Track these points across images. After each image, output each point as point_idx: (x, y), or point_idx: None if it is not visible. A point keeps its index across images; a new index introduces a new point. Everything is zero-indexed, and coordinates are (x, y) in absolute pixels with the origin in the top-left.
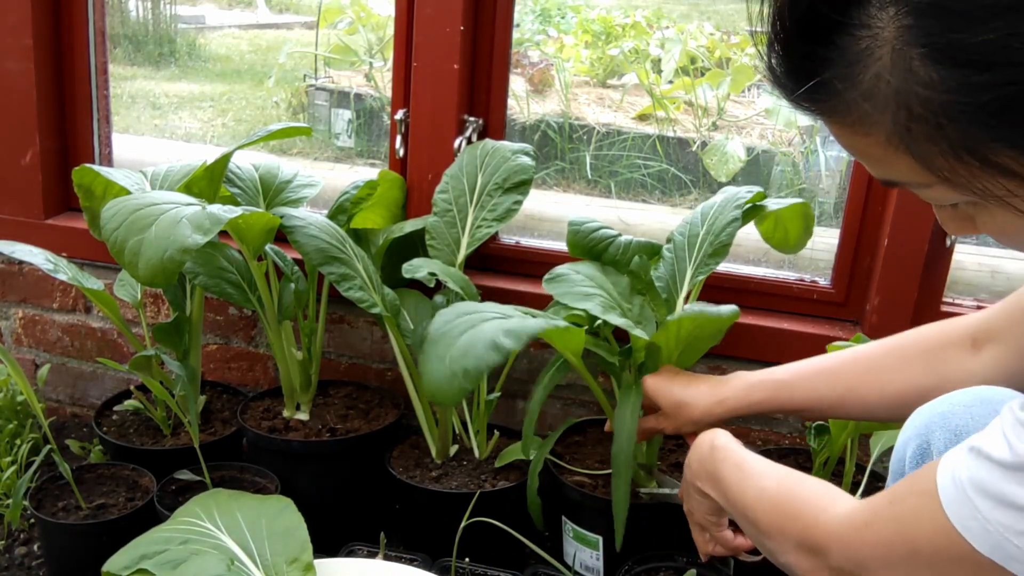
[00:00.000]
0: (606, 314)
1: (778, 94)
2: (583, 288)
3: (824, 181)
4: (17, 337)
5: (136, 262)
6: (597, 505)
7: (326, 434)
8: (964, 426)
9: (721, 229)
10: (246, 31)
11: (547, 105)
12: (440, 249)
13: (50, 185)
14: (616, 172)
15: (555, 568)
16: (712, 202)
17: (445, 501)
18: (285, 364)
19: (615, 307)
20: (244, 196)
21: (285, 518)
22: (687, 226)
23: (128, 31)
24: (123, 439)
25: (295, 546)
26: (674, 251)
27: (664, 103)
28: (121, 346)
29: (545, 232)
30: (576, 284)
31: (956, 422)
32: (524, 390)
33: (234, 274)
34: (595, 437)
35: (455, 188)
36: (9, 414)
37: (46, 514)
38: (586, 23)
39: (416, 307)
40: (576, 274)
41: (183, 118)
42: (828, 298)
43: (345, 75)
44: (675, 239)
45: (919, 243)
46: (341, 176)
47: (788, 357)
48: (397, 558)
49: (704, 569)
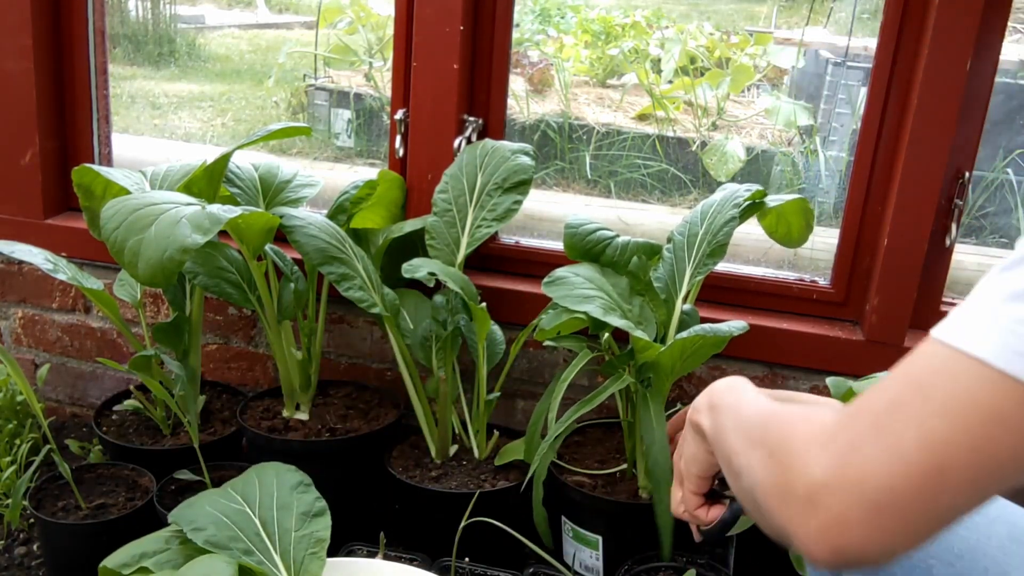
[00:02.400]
0: (607, 316)
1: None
2: (583, 290)
3: (824, 181)
4: (17, 337)
5: (136, 262)
6: (597, 505)
7: (326, 434)
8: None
9: (719, 228)
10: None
11: (547, 105)
12: (440, 249)
13: (50, 185)
14: (616, 172)
15: (555, 568)
16: (712, 200)
17: (445, 501)
18: (285, 364)
19: (615, 308)
20: (244, 196)
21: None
22: (687, 225)
23: (128, 31)
24: (123, 439)
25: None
26: (673, 251)
27: (664, 103)
28: (121, 346)
29: (545, 232)
30: (576, 287)
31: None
32: (524, 390)
33: (234, 274)
34: (595, 437)
35: (455, 188)
36: (9, 414)
37: (46, 514)
38: (586, 23)
39: (416, 307)
40: (575, 276)
41: (183, 118)
42: (828, 298)
43: (345, 75)
44: (675, 239)
45: (919, 243)
46: (341, 176)
47: (787, 357)
48: (397, 558)
49: (704, 569)
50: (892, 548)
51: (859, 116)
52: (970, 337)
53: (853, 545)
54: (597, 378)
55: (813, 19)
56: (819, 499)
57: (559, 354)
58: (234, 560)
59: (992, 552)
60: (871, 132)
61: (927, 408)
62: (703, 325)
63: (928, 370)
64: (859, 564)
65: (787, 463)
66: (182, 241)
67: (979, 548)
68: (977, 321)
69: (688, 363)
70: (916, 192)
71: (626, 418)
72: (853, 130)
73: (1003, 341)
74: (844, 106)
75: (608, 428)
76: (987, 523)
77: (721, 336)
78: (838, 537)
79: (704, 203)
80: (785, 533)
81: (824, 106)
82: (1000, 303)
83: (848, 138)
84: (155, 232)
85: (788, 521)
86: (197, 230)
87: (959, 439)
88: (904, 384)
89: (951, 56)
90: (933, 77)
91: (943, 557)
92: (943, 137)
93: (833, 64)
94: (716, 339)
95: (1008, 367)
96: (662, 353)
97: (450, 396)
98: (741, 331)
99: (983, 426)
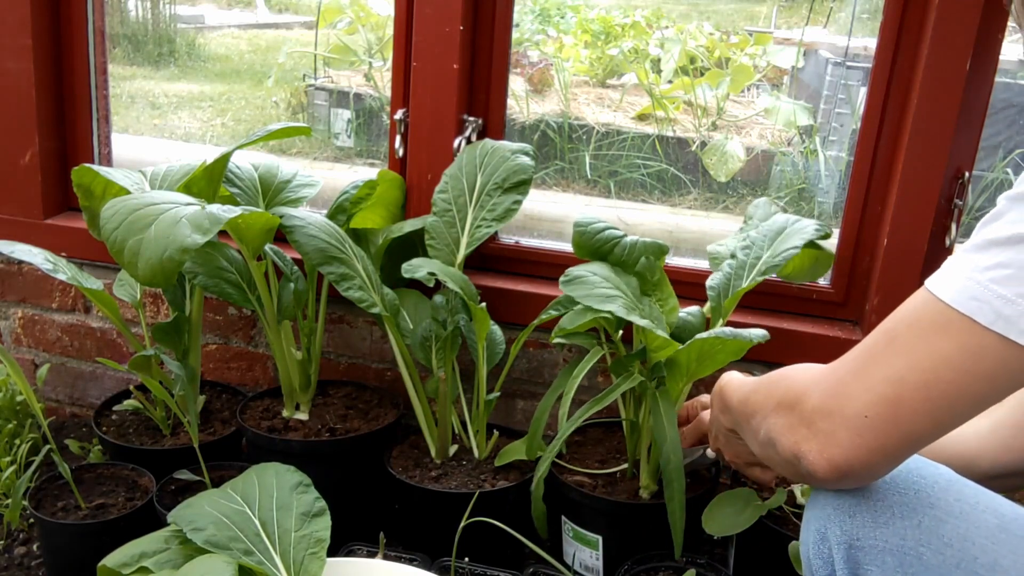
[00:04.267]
0: (630, 315)
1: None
2: (603, 290)
3: (824, 181)
4: (16, 337)
5: (135, 262)
6: (597, 505)
7: (325, 434)
8: None
9: (780, 253)
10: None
11: (546, 105)
12: (439, 249)
13: (49, 185)
14: (616, 172)
15: (555, 568)
16: (774, 222)
17: (445, 501)
18: (284, 364)
19: (635, 308)
20: (243, 196)
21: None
22: (751, 248)
23: (127, 31)
24: (122, 439)
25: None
26: (734, 267)
27: (663, 103)
28: (120, 346)
29: (545, 232)
30: (596, 286)
31: None
32: (524, 390)
33: (233, 274)
34: (595, 437)
35: (454, 188)
36: (8, 414)
37: (45, 514)
38: (585, 23)
39: (415, 307)
40: (593, 276)
41: (182, 118)
42: (827, 298)
43: (344, 75)
44: (738, 256)
45: (919, 243)
46: (340, 176)
47: (787, 357)
48: (397, 558)
49: (704, 569)
50: (872, 463)
51: (859, 116)
52: (940, 282)
53: (846, 460)
54: (597, 377)
55: (813, 19)
56: (818, 424)
57: (559, 354)
58: (234, 560)
59: (981, 541)
60: (871, 132)
61: (894, 347)
62: (724, 328)
63: (907, 308)
64: (852, 477)
65: (792, 402)
66: (182, 241)
67: (969, 537)
68: (948, 268)
69: (705, 366)
70: (916, 192)
71: (627, 418)
72: (853, 130)
73: (963, 286)
74: (844, 106)
75: (608, 428)
76: (977, 513)
77: (742, 341)
78: (832, 453)
79: (765, 226)
80: (795, 459)
81: (824, 106)
82: (968, 253)
83: (848, 138)
84: (155, 232)
85: (796, 447)
86: (197, 230)
87: (915, 375)
88: (884, 327)
89: (951, 56)
90: (933, 77)
91: (933, 545)
92: (943, 137)
93: (833, 64)
94: (736, 344)
95: (963, 308)
96: (679, 351)
97: (450, 396)
98: (762, 339)
99: (933, 364)
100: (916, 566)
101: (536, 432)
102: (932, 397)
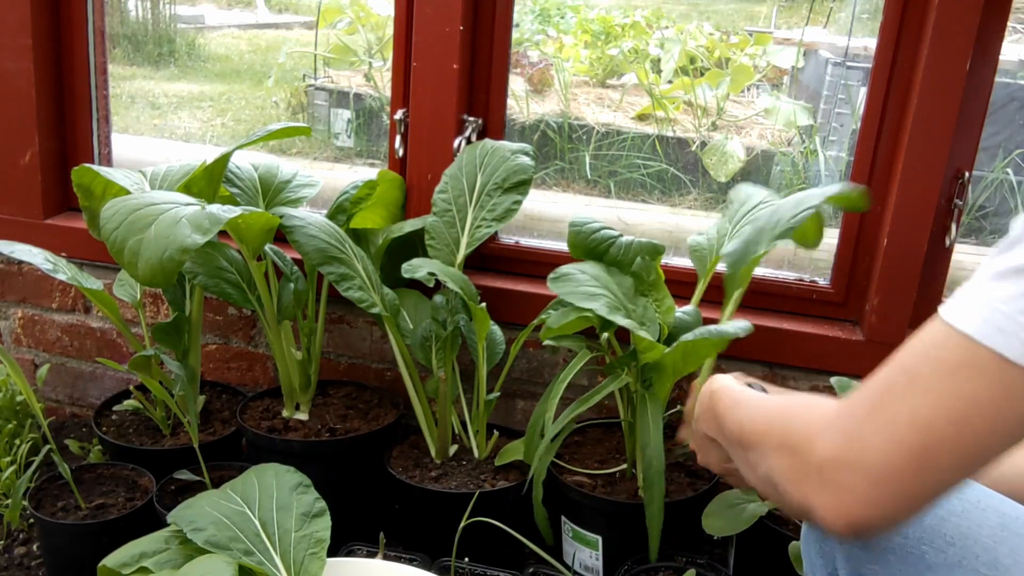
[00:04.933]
0: (612, 315)
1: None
2: (589, 288)
3: (824, 181)
4: (16, 337)
5: (135, 262)
6: (597, 505)
7: (325, 434)
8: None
9: (796, 215)
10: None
11: (546, 105)
12: (439, 249)
13: (49, 185)
14: (616, 172)
15: (555, 568)
16: (772, 196)
17: (445, 501)
18: (284, 364)
19: (620, 308)
20: (243, 196)
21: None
22: (760, 218)
23: (127, 31)
24: (122, 439)
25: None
26: (751, 233)
27: (663, 103)
28: (120, 346)
29: (544, 232)
30: (582, 284)
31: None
32: (523, 390)
33: (233, 274)
34: (595, 437)
35: (454, 188)
36: (8, 414)
37: (45, 514)
38: (585, 23)
39: (415, 307)
40: (581, 274)
41: (182, 118)
42: (827, 298)
43: (344, 75)
44: (757, 221)
45: (919, 243)
46: (340, 176)
47: (787, 357)
48: (397, 558)
49: (704, 569)
50: (895, 516)
51: (859, 116)
52: (959, 313)
53: (865, 515)
54: (597, 378)
55: (813, 19)
56: (830, 476)
57: (559, 354)
58: (234, 560)
59: (983, 539)
60: (871, 132)
61: (916, 386)
62: (707, 327)
63: (925, 343)
64: (871, 532)
65: (795, 446)
66: (182, 241)
67: (971, 535)
68: (967, 299)
69: (689, 363)
70: (916, 192)
71: (626, 418)
72: (853, 130)
73: (986, 317)
74: (844, 106)
75: (608, 428)
76: (979, 512)
77: (726, 337)
78: (850, 509)
79: (764, 196)
80: (804, 509)
81: (824, 106)
82: (988, 282)
83: (848, 138)
84: (155, 232)
85: (805, 499)
86: (197, 230)
87: (942, 418)
88: (900, 363)
89: (951, 56)
90: (933, 77)
91: (936, 544)
92: (943, 137)
93: (833, 64)
94: (720, 340)
95: (988, 342)
96: (665, 355)
97: (450, 396)
98: (746, 332)
99: (963, 405)
100: (918, 564)
101: (533, 435)
102: (963, 442)
